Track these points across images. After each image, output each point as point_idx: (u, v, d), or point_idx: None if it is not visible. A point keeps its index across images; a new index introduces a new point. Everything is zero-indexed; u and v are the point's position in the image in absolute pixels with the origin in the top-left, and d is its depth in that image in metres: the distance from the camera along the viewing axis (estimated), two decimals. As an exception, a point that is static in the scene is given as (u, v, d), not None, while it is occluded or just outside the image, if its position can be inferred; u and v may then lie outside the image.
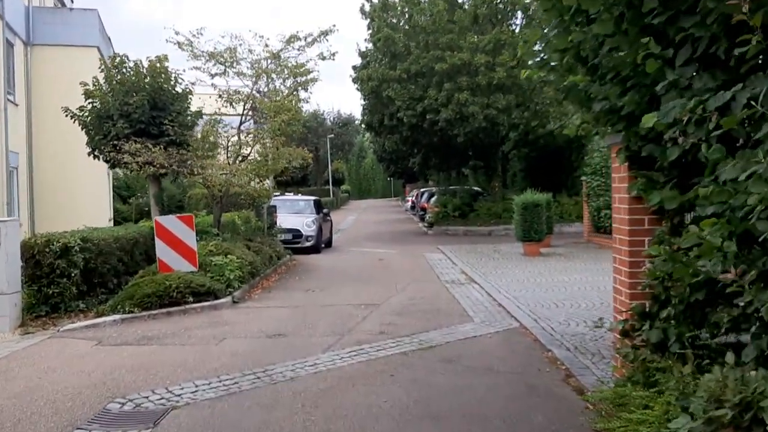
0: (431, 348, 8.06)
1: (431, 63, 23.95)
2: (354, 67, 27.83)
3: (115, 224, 25.06)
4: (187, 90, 15.69)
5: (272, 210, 18.56)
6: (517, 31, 25.34)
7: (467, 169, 42.46)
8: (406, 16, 26.41)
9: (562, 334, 8.54)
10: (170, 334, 9.09)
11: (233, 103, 14.73)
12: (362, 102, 28.54)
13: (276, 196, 25.85)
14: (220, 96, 15.15)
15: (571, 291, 11.96)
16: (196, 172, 12.94)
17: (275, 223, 18.71)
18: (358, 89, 27.40)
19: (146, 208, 29.34)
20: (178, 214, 12.25)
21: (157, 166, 13.19)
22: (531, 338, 8.53)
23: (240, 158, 14.78)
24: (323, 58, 14.84)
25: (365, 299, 11.63)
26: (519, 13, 26.34)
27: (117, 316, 9.94)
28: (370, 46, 27.31)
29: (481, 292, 12.38)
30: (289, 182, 39.81)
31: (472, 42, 23.54)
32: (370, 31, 26.90)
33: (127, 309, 10.09)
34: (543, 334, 8.58)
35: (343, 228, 34.65)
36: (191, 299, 10.63)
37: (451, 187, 29.67)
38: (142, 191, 29.44)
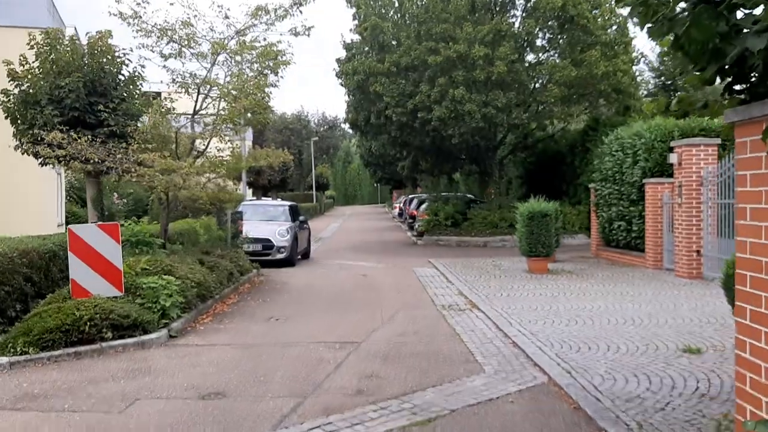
0: (430, 422, 5.57)
1: (423, 55, 21.47)
2: (338, 60, 25.27)
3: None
4: (136, 73, 13.17)
5: (237, 217, 16.00)
6: (517, 23, 22.94)
7: (459, 175, 40.15)
8: (396, 3, 23.95)
9: (612, 398, 6.07)
10: (65, 389, 6.52)
11: (188, 90, 12.18)
12: (347, 98, 26.02)
13: (250, 200, 23.35)
14: (173, 80, 12.61)
15: (600, 324, 9.50)
16: (133, 170, 10.36)
17: (240, 231, 16.15)
18: (342, 84, 24.85)
19: (106, 213, 26.77)
20: (100, 222, 9.70)
21: (85, 161, 10.60)
22: (570, 404, 6.05)
23: (195, 154, 12.22)
24: (296, 34, 12.30)
25: (342, 334, 9.11)
26: (520, 2, 23.92)
27: (4, 359, 7.37)
28: (357, 37, 24.81)
29: (487, 323, 9.89)
30: (266, 186, 37.31)
31: (469, 33, 21.10)
32: (356, 21, 24.41)
33: (19, 349, 7.52)
34: (586, 399, 6.10)
35: (325, 236, 32.14)
36: (110, 335, 8.07)
37: (443, 194, 27.21)
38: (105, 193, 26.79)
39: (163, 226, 12.08)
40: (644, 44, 66.91)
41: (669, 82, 32.84)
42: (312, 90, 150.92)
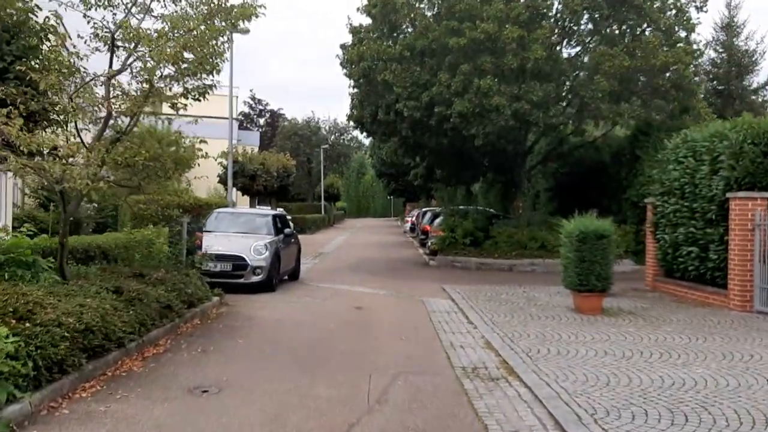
0: None
1: (444, 37, 17.71)
2: (343, 47, 21.56)
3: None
4: (48, 25, 9.57)
5: (193, 228, 12.30)
6: (557, 2, 19.03)
7: (477, 187, 36.30)
8: (412, -26, 20.14)
9: None
10: None
11: (110, 44, 8.51)
12: (351, 90, 22.29)
13: (241, 208, 19.79)
14: (96, 35, 8.96)
15: (729, 424, 5.67)
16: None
17: (198, 247, 12.43)
18: (346, 75, 21.12)
19: (71, 218, 23.20)
20: None
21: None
22: None
23: (113, 135, 8.54)
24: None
25: (293, 434, 5.36)
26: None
27: None
28: (366, 20, 21.10)
29: (539, 412, 6.11)
30: (261, 192, 33.68)
31: (499, 10, 17.36)
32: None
33: None
34: None
35: (327, 251, 28.42)
36: None
37: (460, 207, 23.41)
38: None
39: (61, 238, 8.38)
40: (705, 32, 60.57)
41: (721, 88, 28.92)
42: (327, 101, 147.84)
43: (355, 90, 21.82)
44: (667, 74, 18.50)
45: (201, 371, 7.30)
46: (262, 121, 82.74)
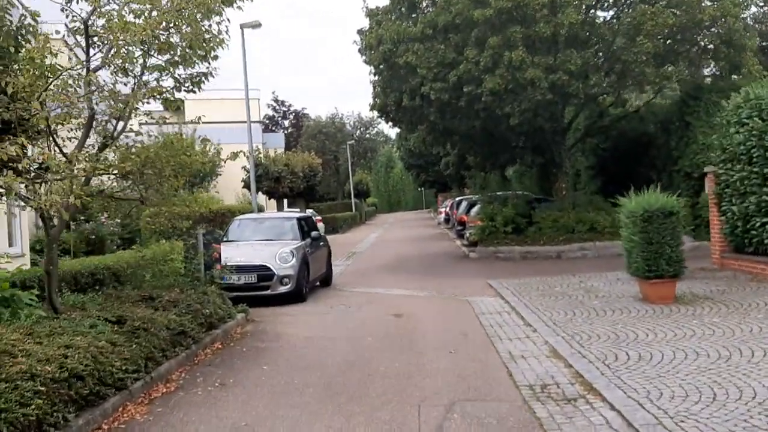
0: None
1: (468, 10, 16.26)
2: (360, 32, 20.22)
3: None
4: (25, 25, 8.44)
5: (209, 239, 11.12)
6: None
7: (511, 172, 34.71)
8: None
9: None
10: None
11: (84, 33, 7.32)
12: (372, 78, 20.92)
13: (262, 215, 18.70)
14: (74, 30, 7.79)
15: None
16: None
17: (217, 260, 11.24)
18: (366, 62, 19.81)
19: (93, 236, 22.27)
20: None
21: None
22: None
23: (101, 141, 7.37)
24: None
25: None
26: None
27: None
28: (383, 1, 19.68)
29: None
30: (286, 195, 32.53)
31: (526, -27, 15.91)
32: (381, -21, 19.37)
33: None
34: None
35: (360, 250, 27.19)
36: None
37: (498, 193, 21.95)
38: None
39: (46, 265, 7.21)
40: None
41: (765, 44, 26.92)
42: (353, 97, 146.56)
43: (377, 77, 20.45)
44: (714, 29, 16.84)
45: (216, 415, 6.08)
46: (286, 122, 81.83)
